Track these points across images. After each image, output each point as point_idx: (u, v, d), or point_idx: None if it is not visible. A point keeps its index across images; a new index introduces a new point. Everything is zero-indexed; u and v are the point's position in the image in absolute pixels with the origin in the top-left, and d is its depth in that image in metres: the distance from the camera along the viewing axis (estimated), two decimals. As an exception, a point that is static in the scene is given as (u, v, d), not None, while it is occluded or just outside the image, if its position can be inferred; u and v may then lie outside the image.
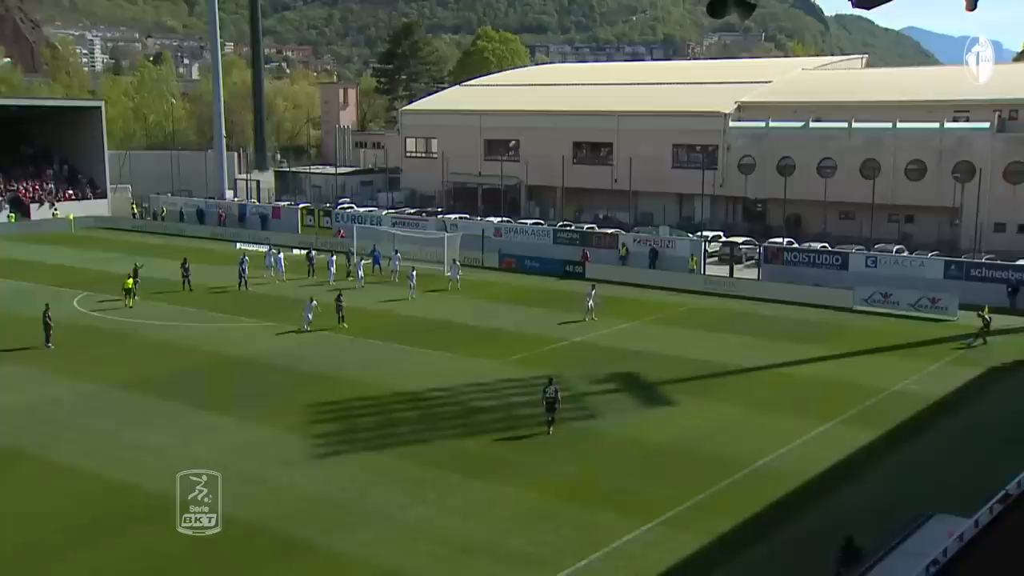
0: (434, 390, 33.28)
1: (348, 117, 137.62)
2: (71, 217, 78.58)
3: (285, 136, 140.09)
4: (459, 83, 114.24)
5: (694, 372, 35.61)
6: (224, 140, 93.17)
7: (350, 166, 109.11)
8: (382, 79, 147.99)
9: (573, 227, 68.18)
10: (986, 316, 40.83)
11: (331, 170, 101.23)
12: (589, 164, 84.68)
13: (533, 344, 39.89)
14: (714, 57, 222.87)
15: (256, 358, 37.70)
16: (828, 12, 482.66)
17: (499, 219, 71.35)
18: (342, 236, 67.72)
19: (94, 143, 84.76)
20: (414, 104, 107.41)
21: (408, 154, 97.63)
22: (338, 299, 43.44)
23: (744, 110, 79.31)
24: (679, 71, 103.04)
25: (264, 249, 64.79)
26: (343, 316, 42.82)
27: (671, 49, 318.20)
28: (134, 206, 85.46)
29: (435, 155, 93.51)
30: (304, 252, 60.99)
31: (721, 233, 68.15)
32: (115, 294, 49.09)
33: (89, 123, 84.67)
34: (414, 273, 51.02)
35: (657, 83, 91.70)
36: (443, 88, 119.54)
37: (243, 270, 52.78)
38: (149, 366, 36.35)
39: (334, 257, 55.49)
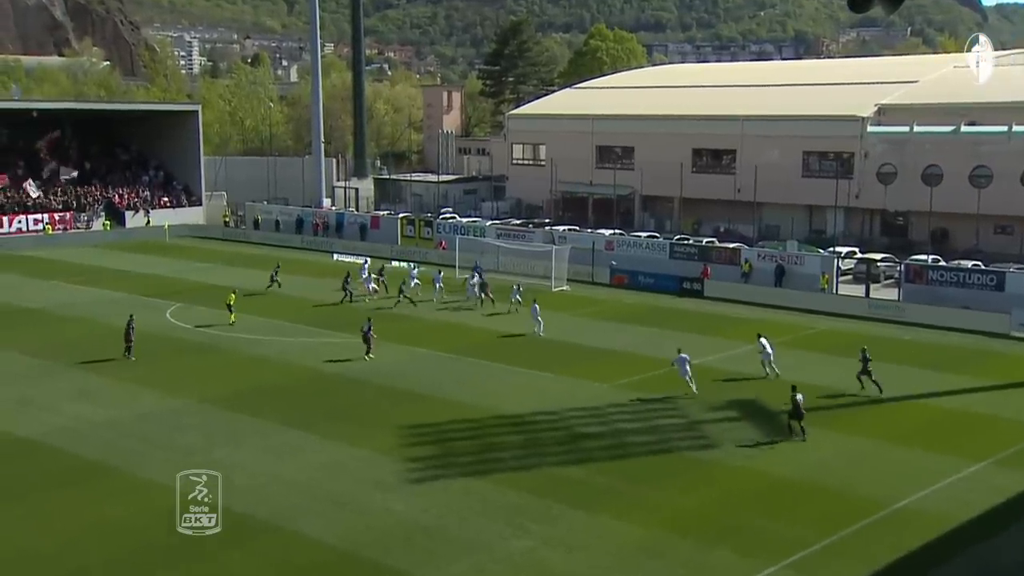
0: (537, 413, 33.35)
1: (451, 121, 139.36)
2: (166, 225, 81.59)
3: (385, 141, 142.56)
4: (570, 85, 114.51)
5: (824, 400, 34.77)
6: (322, 145, 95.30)
7: (453, 174, 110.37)
8: (488, 81, 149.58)
9: (691, 240, 67.60)
10: None
11: (433, 178, 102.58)
12: (710, 172, 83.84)
13: (645, 366, 39.67)
14: (851, 55, 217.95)
15: (351, 374, 38.44)
16: (987, 1, 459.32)
17: (611, 231, 71.21)
18: (443, 248, 68.63)
19: (190, 148, 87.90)
20: (522, 108, 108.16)
21: (514, 161, 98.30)
22: (366, 331, 40.97)
23: (885, 113, 77.32)
24: (811, 71, 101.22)
25: (361, 261, 66.07)
26: (370, 347, 40.69)
27: (803, 47, 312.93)
28: (227, 214, 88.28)
29: (543, 162, 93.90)
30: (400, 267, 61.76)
31: (856, 249, 66.50)
32: (210, 305, 50.82)
33: (185, 127, 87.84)
34: (518, 288, 51.24)
35: (786, 84, 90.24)
36: (553, 91, 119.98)
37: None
38: (241, 381, 37.42)
39: (441, 273, 55.85)
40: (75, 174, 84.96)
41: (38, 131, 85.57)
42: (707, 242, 66.81)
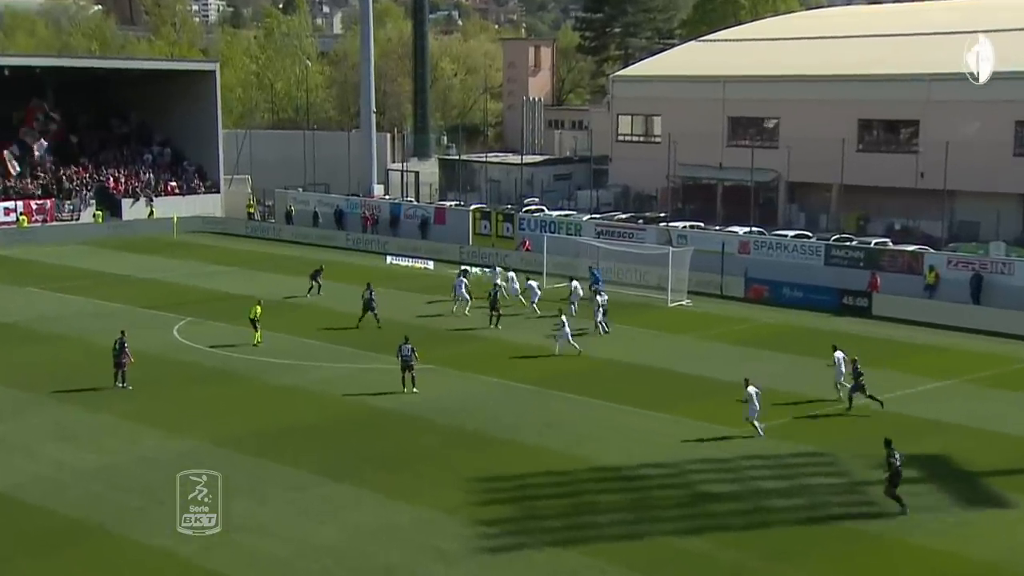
0: (647, 465, 33.29)
1: (539, 86, 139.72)
2: (174, 218, 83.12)
3: (454, 111, 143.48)
4: (695, 38, 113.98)
5: (1037, 460, 34.31)
6: (374, 117, 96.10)
7: (540, 154, 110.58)
8: (587, 34, 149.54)
9: (856, 242, 66.81)
10: None
11: (515, 159, 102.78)
12: (882, 151, 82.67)
13: (790, 407, 39.36)
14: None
15: (406, 410, 38.77)
16: None
17: (747, 229, 70.80)
18: (527, 249, 68.89)
19: (205, 119, 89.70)
20: (631, 68, 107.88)
21: (620, 137, 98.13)
22: (405, 355, 40.95)
23: None
24: None
25: (423, 265, 66.58)
26: (413, 377, 40.97)
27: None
28: (252, 204, 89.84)
29: (658, 138, 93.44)
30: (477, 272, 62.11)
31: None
32: (228, 320, 51.76)
33: (199, 92, 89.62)
34: (601, 301, 51.34)
35: (991, 30, 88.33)
36: (672, 45, 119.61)
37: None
38: (266, 417, 38.00)
39: (534, 283, 56.04)
40: (43, 143, 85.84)
41: (12, 95, 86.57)
42: (877, 244, 65.95)
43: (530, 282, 55.99)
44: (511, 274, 58.52)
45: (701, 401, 40.14)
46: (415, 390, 40.56)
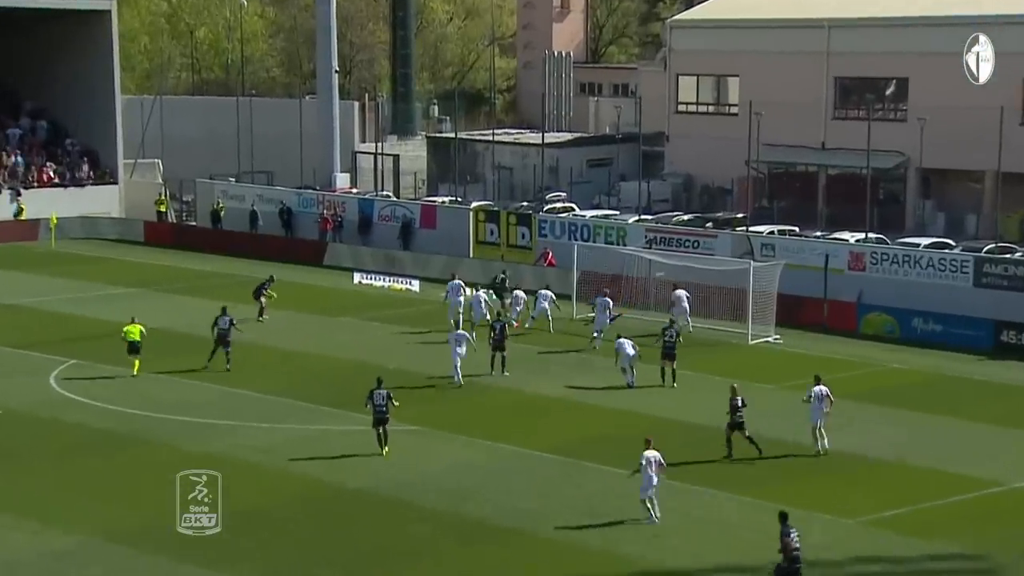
0: (724, 570, 33.29)
1: (568, 36, 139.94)
2: (53, 218, 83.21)
3: (448, 72, 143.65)
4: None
5: None
6: (336, 78, 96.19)
7: (569, 130, 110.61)
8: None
9: (1020, 254, 66.79)
10: None
11: (533, 138, 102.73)
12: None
13: (923, 489, 39.29)
14: None
15: (383, 488, 38.63)
16: None
17: (860, 236, 70.84)
18: (550, 263, 68.84)
19: (97, 80, 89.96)
20: (695, 9, 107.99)
21: (682, 107, 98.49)
22: (379, 403, 41.42)
23: None
24: None
25: (404, 285, 66.57)
26: (386, 433, 41.56)
27: None
28: (163, 200, 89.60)
29: (733, 108, 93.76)
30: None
31: None
32: (129, 364, 51.51)
33: (88, 41, 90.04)
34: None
35: None
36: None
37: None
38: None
39: (607, 299, 56.66)
40: None
41: None
42: (1050, 257, 65.77)
43: (516, 292, 57.90)
44: (519, 293, 59.37)
45: (798, 479, 40.09)
46: (385, 448, 41.06)
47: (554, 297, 58.85)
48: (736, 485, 39.35)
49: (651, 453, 35.71)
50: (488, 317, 56.03)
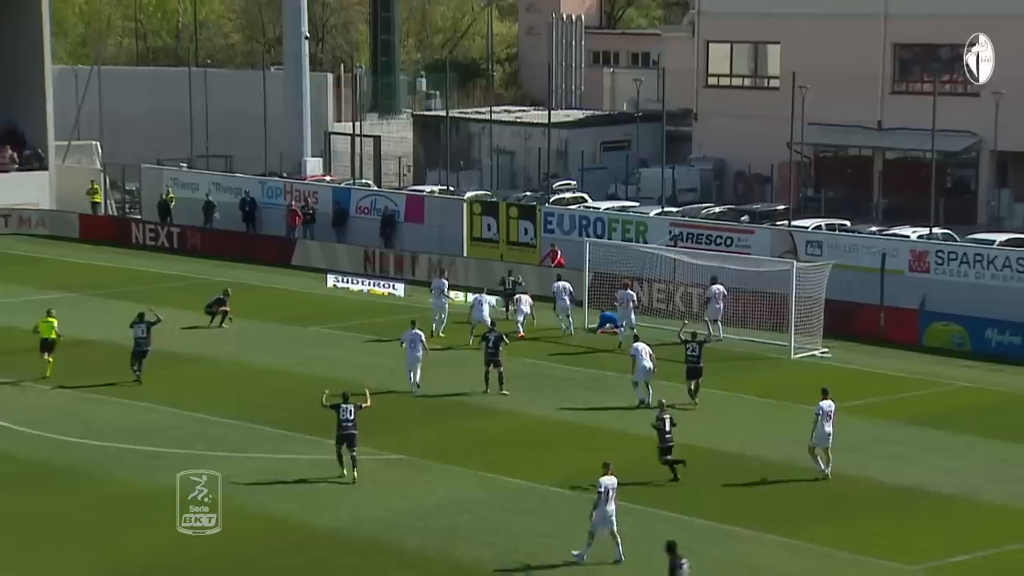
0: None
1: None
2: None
3: (439, 39, 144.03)
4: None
5: None
6: (307, 46, 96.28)
7: (579, 108, 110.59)
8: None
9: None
10: None
11: (538, 116, 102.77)
12: None
13: (998, 530, 39.02)
14: None
15: (358, 529, 38.34)
16: None
17: (922, 231, 70.69)
18: (558, 263, 68.74)
19: (22, 47, 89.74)
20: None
21: (711, 80, 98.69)
22: (344, 419, 41.89)
23: None
24: None
25: (385, 289, 66.40)
26: (353, 457, 42.09)
27: None
28: (96, 188, 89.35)
29: (773, 81, 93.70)
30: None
31: None
32: (61, 381, 51.41)
33: (12, 1, 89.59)
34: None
35: None
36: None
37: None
38: (126, 544, 37.19)
39: (630, 293, 57.44)
40: None
41: None
42: None
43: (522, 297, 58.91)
44: (524, 298, 59.67)
45: (850, 518, 39.69)
46: (355, 471, 41.47)
47: (571, 288, 59.52)
48: (780, 525, 38.99)
49: (608, 480, 35.72)
50: (489, 322, 55.50)
